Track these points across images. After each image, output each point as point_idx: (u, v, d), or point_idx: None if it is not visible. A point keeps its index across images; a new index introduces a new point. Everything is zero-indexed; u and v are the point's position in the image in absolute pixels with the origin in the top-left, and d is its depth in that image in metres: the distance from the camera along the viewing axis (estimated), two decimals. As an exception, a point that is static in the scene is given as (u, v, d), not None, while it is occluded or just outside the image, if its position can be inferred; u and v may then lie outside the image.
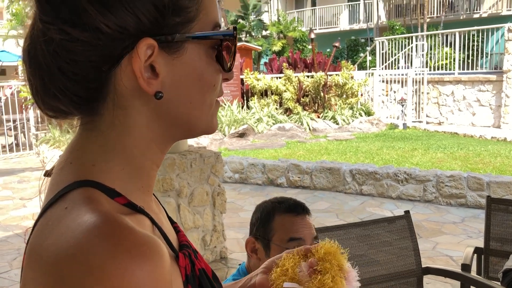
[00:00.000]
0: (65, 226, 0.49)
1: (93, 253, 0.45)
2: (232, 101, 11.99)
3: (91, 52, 0.53)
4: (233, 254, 4.48)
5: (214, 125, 0.64)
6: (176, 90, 0.57)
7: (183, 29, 0.56)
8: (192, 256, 0.64)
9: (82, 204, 0.51)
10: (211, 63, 0.59)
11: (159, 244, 0.49)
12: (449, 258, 4.38)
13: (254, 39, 21.73)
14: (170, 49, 0.55)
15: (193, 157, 4.13)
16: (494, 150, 8.19)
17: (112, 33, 0.53)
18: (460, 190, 5.91)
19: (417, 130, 11.36)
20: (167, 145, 0.63)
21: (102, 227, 0.47)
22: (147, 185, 0.62)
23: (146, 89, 0.54)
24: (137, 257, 0.46)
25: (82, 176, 0.55)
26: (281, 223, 1.49)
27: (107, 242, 0.46)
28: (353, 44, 21.93)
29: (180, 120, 0.60)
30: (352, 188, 6.60)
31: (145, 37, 0.53)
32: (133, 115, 0.57)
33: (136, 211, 0.56)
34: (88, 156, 0.58)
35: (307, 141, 10.02)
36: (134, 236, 0.47)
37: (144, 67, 0.54)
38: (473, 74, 11.90)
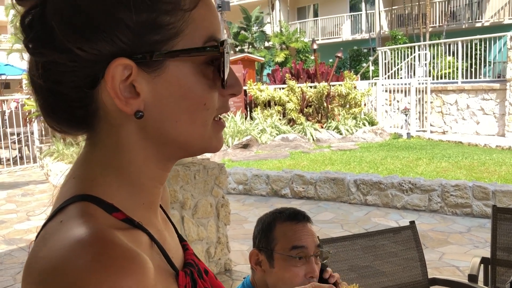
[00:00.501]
0: (56, 239, 0.50)
1: (73, 266, 0.46)
2: (235, 112, 12.01)
3: (69, 74, 0.54)
4: (237, 266, 4.46)
5: (215, 145, 0.61)
6: (160, 109, 0.56)
7: (163, 46, 0.54)
8: (195, 275, 0.64)
9: (76, 218, 0.52)
10: (201, 80, 0.57)
11: (142, 258, 0.49)
12: (455, 268, 4.33)
13: (257, 50, 21.84)
14: (149, 68, 0.54)
15: (196, 168, 4.13)
16: (499, 159, 8.14)
17: (85, 56, 0.53)
18: (466, 200, 5.87)
19: (421, 140, 11.33)
20: (167, 164, 0.62)
21: (86, 240, 0.48)
22: (150, 202, 0.62)
23: (123, 109, 0.54)
24: (115, 271, 0.46)
25: (81, 191, 0.56)
26: (282, 232, 1.49)
27: (88, 256, 0.46)
28: (356, 54, 22.00)
29: (169, 140, 0.58)
30: (357, 199, 6.57)
31: (118, 58, 0.53)
32: (122, 132, 0.57)
33: (134, 227, 0.57)
34: (89, 171, 0.58)
35: (311, 151, 10.00)
36: (115, 250, 0.48)
37: (123, 87, 0.54)
38: (477, 83, 11.89)
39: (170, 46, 0.55)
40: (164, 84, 0.55)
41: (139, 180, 0.59)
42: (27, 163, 10.63)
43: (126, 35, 0.53)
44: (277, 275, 1.45)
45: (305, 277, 1.41)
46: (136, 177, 0.59)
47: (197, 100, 0.57)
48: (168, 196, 0.80)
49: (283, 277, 1.43)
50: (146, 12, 0.53)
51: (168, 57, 0.54)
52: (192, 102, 0.57)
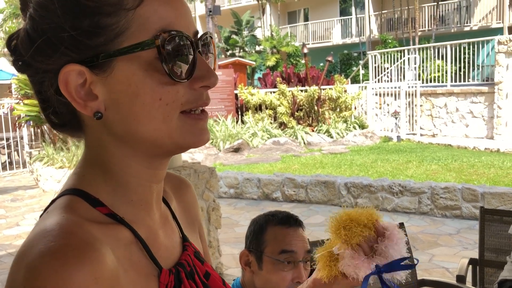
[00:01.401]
0: (35, 229, 0.55)
1: (31, 252, 0.50)
2: (226, 116, 12.01)
3: (41, 84, 0.60)
4: (229, 270, 4.45)
5: (192, 140, 0.60)
6: (117, 109, 0.57)
7: (108, 47, 0.55)
8: (182, 274, 0.64)
9: (57, 209, 0.57)
10: (152, 75, 0.56)
11: (95, 251, 0.51)
12: (445, 270, 4.37)
13: (248, 54, 21.88)
14: (100, 70, 0.56)
15: (187, 172, 4.12)
16: (488, 161, 8.23)
17: (45, 67, 0.58)
18: (455, 202, 5.92)
19: (411, 143, 11.41)
20: (152, 162, 0.62)
21: (50, 230, 0.52)
22: (139, 199, 0.63)
23: (82, 111, 0.58)
24: (68, 258, 0.49)
25: (73, 185, 0.61)
26: (273, 235, 1.49)
27: (47, 243, 0.50)
28: (346, 58, 22.11)
29: (136, 138, 0.59)
30: (347, 201, 6.60)
31: (66, 65, 0.56)
32: (97, 134, 0.61)
33: (117, 222, 0.59)
34: (82, 168, 0.63)
35: (302, 155, 10.03)
36: (70, 240, 0.51)
37: (83, 91, 0.57)
38: (465, 86, 12.00)
39: (115, 46, 0.55)
40: (116, 84, 0.57)
41: (123, 178, 0.61)
42: (17, 168, 10.55)
43: (72, 43, 0.56)
44: (265, 277, 1.46)
45: (292, 282, 1.42)
46: (120, 175, 0.61)
47: (150, 96, 0.56)
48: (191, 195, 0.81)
49: (271, 280, 1.44)
50: (89, 17, 0.55)
51: (113, 56, 0.55)
52: (146, 99, 0.56)
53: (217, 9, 14.79)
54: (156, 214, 0.66)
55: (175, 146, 0.60)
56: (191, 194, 0.80)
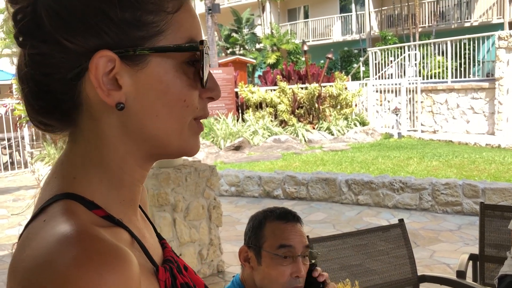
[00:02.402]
0: (40, 238, 0.51)
1: (58, 262, 0.46)
2: (227, 114, 12.02)
3: (56, 65, 0.56)
4: (230, 268, 4.46)
5: (192, 146, 0.62)
6: (141, 102, 0.58)
7: (146, 42, 0.57)
8: (174, 270, 0.65)
9: (58, 216, 0.53)
10: (181, 77, 0.59)
11: (126, 253, 0.50)
12: (446, 266, 4.37)
13: (248, 52, 21.87)
14: (132, 62, 0.56)
15: (188, 171, 4.13)
16: (489, 157, 8.22)
17: (73, 47, 0.55)
18: (456, 198, 5.93)
19: (412, 139, 11.41)
20: (146, 162, 0.63)
21: (70, 236, 0.49)
22: (130, 199, 0.63)
23: (105, 99, 0.56)
24: (101, 265, 0.47)
25: (63, 189, 0.57)
26: (271, 230, 1.51)
27: (73, 251, 0.47)
28: (346, 55, 22.09)
29: (148, 135, 0.59)
30: (348, 198, 6.60)
31: (102, 50, 0.55)
32: (104, 126, 0.59)
33: (114, 224, 0.58)
34: (70, 169, 0.60)
35: (303, 152, 10.03)
36: (100, 245, 0.49)
37: (106, 79, 0.56)
38: (466, 82, 11.99)
39: (153, 43, 0.57)
40: (146, 79, 0.57)
41: (119, 176, 0.61)
42: (18, 168, 10.57)
43: (112, 30, 0.55)
44: (264, 272, 1.47)
45: (290, 276, 1.44)
46: (116, 173, 0.61)
47: (177, 96, 0.59)
48: (146, 196, 0.81)
49: (270, 274, 1.45)
50: (131, 10, 0.56)
51: (151, 52, 0.57)
52: (172, 98, 0.59)
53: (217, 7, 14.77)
54: (138, 214, 0.67)
55: (177, 150, 0.62)
56: (146, 193, 0.81)
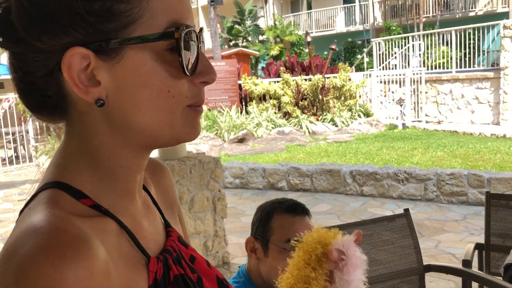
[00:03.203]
0: (19, 226, 0.52)
1: (19, 252, 0.47)
2: (230, 106, 11.99)
3: (34, 64, 0.56)
4: (235, 259, 4.48)
5: (187, 131, 0.60)
6: (121, 97, 0.56)
7: (120, 34, 0.54)
8: (169, 261, 0.64)
9: (41, 204, 0.54)
10: (162, 67, 0.56)
11: (90, 247, 0.49)
12: (451, 255, 4.37)
13: (251, 44, 21.80)
14: (107, 56, 0.54)
15: (192, 163, 4.14)
16: (494, 147, 8.18)
17: (44, 47, 0.54)
18: (461, 188, 5.91)
19: (417, 130, 11.36)
20: (141, 152, 0.62)
21: (38, 227, 0.50)
22: (124, 189, 0.62)
23: (83, 97, 0.55)
24: (58, 258, 0.47)
25: (53, 178, 0.58)
26: (280, 223, 1.49)
27: (35, 241, 0.48)
28: (350, 46, 21.98)
29: (135, 128, 0.58)
30: (353, 189, 6.60)
31: (72, 48, 0.53)
32: (90, 121, 0.58)
33: (102, 213, 0.58)
34: (63, 159, 0.60)
35: (307, 144, 10.02)
36: (63, 237, 0.49)
37: (84, 75, 0.55)
38: (471, 72, 11.91)
39: (127, 33, 0.54)
40: (124, 72, 0.55)
41: (110, 167, 0.60)
42: (23, 162, 10.61)
43: (81, 25, 0.53)
44: (270, 265, 1.46)
45: None
46: (107, 164, 0.60)
47: (158, 88, 0.56)
48: (169, 183, 0.80)
49: (276, 267, 1.44)
50: (99, 1, 0.53)
51: (125, 44, 0.54)
52: (154, 90, 0.56)
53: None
54: (138, 202, 0.66)
55: (171, 138, 0.60)
56: (168, 177, 0.80)
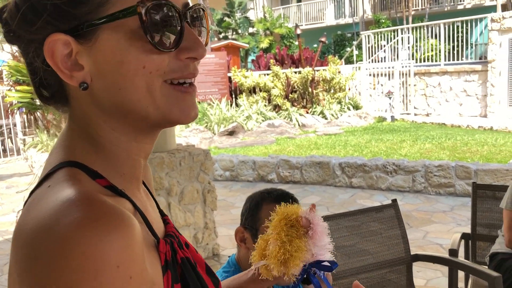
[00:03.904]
0: (45, 202, 0.51)
1: (61, 224, 0.47)
2: (220, 99, 11.97)
3: (31, 54, 0.60)
4: (225, 251, 4.49)
5: (176, 112, 0.59)
6: (103, 79, 0.57)
7: (93, 16, 0.55)
8: (175, 245, 0.65)
9: (63, 181, 0.54)
10: (136, 44, 0.55)
11: (130, 218, 0.50)
12: (439, 246, 4.43)
13: (241, 36, 21.71)
14: (85, 39, 0.56)
15: (182, 155, 4.13)
16: (481, 139, 8.28)
17: (33, 37, 0.57)
18: (449, 179, 5.98)
19: (405, 122, 11.44)
20: (139, 135, 0.62)
21: (75, 200, 0.50)
22: (129, 173, 0.63)
23: (68, 81, 0.58)
24: (104, 228, 0.47)
25: (67, 158, 0.59)
26: (268, 213, 1.50)
27: (77, 213, 0.48)
28: (340, 39, 21.98)
29: (122, 109, 0.58)
30: (342, 181, 6.64)
31: (50, 35, 0.56)
32: (84, 106, 0.60)
33: (117, 194, 0.58)
34: (71, 141, 0.62)
35: (297, 136, 10.05)
36: (104, 208, 0.49)
37: (69, 61, 0.57)
38: (459, 65, 11.99)
39: (100, 14, 0.55)
40: (101, 53, 0.56)
41: (112, 150, 0.61)
42: (11, 156, 10.51)
43: (56, 11, 0.55)
44: None
45: None
46: (108, 148, 0.61)
47: (134, 64, 0.56)
48: (150, 173, 0.81)
49: None
50: None
51: (97, 25, 0.55)
52: (130, 67, 0.56)
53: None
54: (141, 188, 0.67)
55: (162, 118, 0.59)
56: (150, 170, 0.82)
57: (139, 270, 0.50)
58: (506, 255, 2.53)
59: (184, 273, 0.64)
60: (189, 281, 0.64)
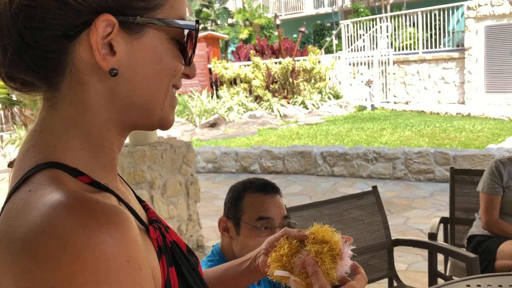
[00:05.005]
0: (30, 208, 0.50)
1: (63, 228, 0.46)
2: (201, 91, 11.92)
3: (52, 21, 0.54)
4: (209, 242, 4.51)
5: (170, 118, 0.65)
6: (134, 71, 0.59)
7: (146, 13, 0.58)
8: (162, 230, 0.67)
9: (46, 184, 0.52)
10: (172, 50, 0.61)
11: (124, 211, 0.51)
12: (419, 231, 4.52)
13: (220, 27, 21.59)
14: (130, 30, 0.58)
15: (163, 148, 4.12)
16: (459, 126, 8.43)
17: (76, 5, 0.54)
18: (428, 166, 6.08)
19: (385, 110, 11.57)
20: (125, 130, 0.64)
21: (67, 202, 0.49)
22: (110, 165, 0.63)
23: (101, 63, 0.56)
24: (105, 225, 0.48)
25: (44, 159, 0.57)
26: (250, 202, 1.52)
27: (75, 215, 0.48)
28: (319, 29, 22.04)
29: (136, 102, 0.60)
30: (324, 170, 6.70)
31: (105, 13, 0.55)
32: (90, 92, 0.58)
33: (101, 189, 0.58)
34: (50, 137, 0.59)
35: (278, 127, 10.08)
36: (100, 206, 0.49)
37: (102, 43, 0.55)
38: (437, 53, 12.15)
39: (152, 15, 0.59)
40: (141, 48, 0.59)
41: (100, 142, 0.61)
42: (-11, 153, 10.31)
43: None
44: (242, 243, 1.50)
45: None
46: (97, 139, 0.61)
47: (169, 66, 0.61)
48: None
49: (248, 245, 1.48)
50: None
51: (150, 23, 0.59)
52: (164, 67, 0.61)
53: (187, -18, 14.50)
54: (118, 179, 0.68)
55: (158, 120, 0.64)
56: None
57: (144, 260, 0.51)
58: (483, 237, 2.60)
59: (175, 256, 0.66)
60: (180, 263, 0.66)
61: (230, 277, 0.93)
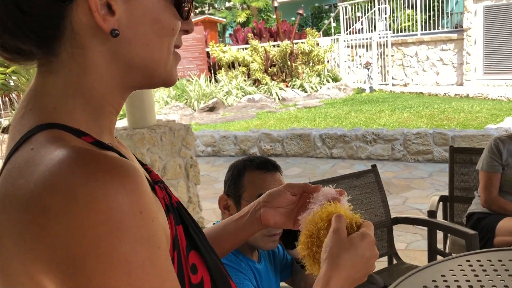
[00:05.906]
0: (35, 164, 0.49)
1: (74, 180, 0.46)
2: (199, 75, 11.87)
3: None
4: (209, 224, 4.54)
5: (174, 76, 0.65)
6: (133, 30, 0.58)
7: None
8: (168, 190, 0.67)
9: (48, 143, 0.51)
10: (169, 7, 0.61)
11: (133, 165, 0.50)
12: (418, 211, 4.55)
13: (218, 11, 21.42)
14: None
15: (162, 131, 4.12)
16: (458, 107, 8.43)
17: None
18: (427, 147, 6.09)
19: (384, 93, 11.55)
20: (126, 91, 0.63)
21: (76, 156, 0.48)
22: (108, 128, 0.63)
23: (101, 24, 0.55)
24: (117, 175, 0.47)
25: (44, 120, 0.55)
26: (251, 180, 1.52)
27: (86, 167, 0.47)
28: (317, 11, 21.89)
29: (138, 63, 0.60)
30: (323, 152, 6.72)
31: None
32: (90, 55, 0.57)
33: (104, 149, 0.56)
34: (48, 100, 0.57)
35: (277, 110, 10.07)
36: (110, 159, 0.49)
37: (100, 3, 0.54)
38: (435, 34, 12.08)
39: None
40: (140, 7, 0.58)
41: (101, 105, 0.60)
42: (-13, 139, 10.30)
43: None
44: None
45: None
46: (98, 102, 0.60)
47: (168, 24, 0.61)
48: None
49: None
50: None
51: None
52: (163, 26, 0.60)
53: (183, -35, 14.33)
54: (116, 142, 0.67)
55: (162, 79, 0.64)
56: None
57: (156, 213, 0.51)
58: (482, 214, 2.63)
59: (181, 215, 0.66)
60: (186, 222, 0.66)
61: (230, 233, 0.95)
